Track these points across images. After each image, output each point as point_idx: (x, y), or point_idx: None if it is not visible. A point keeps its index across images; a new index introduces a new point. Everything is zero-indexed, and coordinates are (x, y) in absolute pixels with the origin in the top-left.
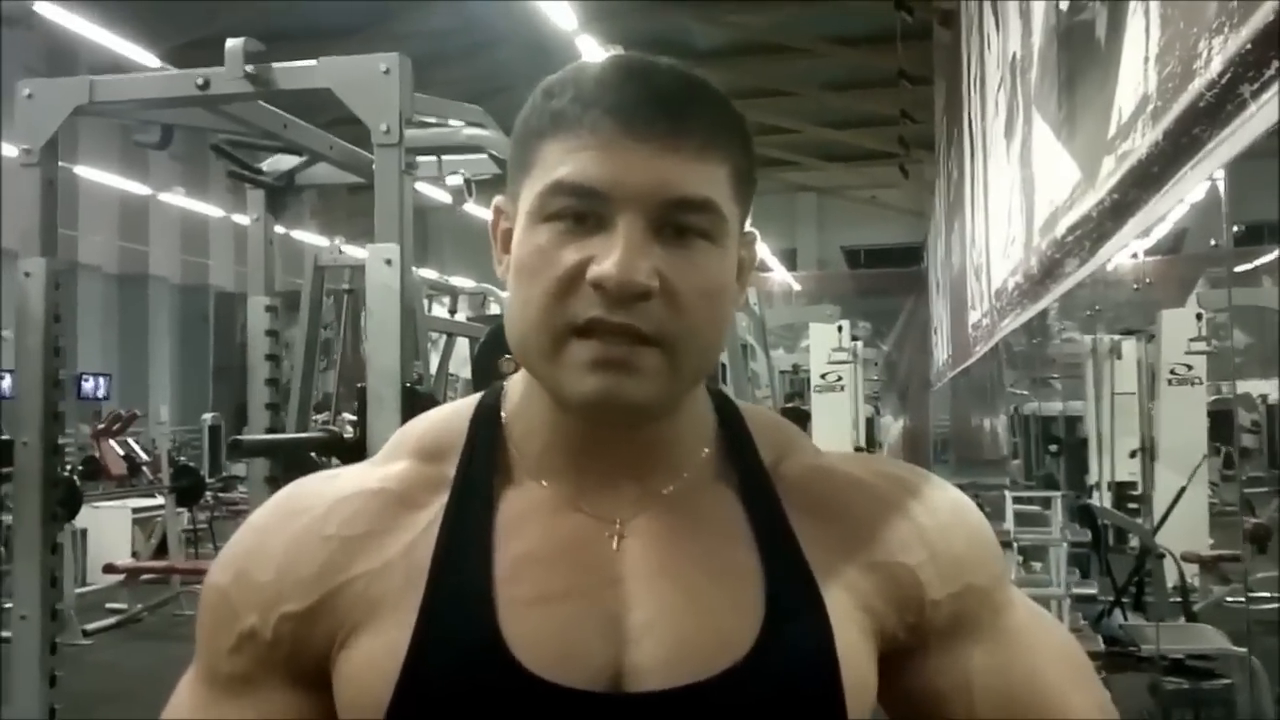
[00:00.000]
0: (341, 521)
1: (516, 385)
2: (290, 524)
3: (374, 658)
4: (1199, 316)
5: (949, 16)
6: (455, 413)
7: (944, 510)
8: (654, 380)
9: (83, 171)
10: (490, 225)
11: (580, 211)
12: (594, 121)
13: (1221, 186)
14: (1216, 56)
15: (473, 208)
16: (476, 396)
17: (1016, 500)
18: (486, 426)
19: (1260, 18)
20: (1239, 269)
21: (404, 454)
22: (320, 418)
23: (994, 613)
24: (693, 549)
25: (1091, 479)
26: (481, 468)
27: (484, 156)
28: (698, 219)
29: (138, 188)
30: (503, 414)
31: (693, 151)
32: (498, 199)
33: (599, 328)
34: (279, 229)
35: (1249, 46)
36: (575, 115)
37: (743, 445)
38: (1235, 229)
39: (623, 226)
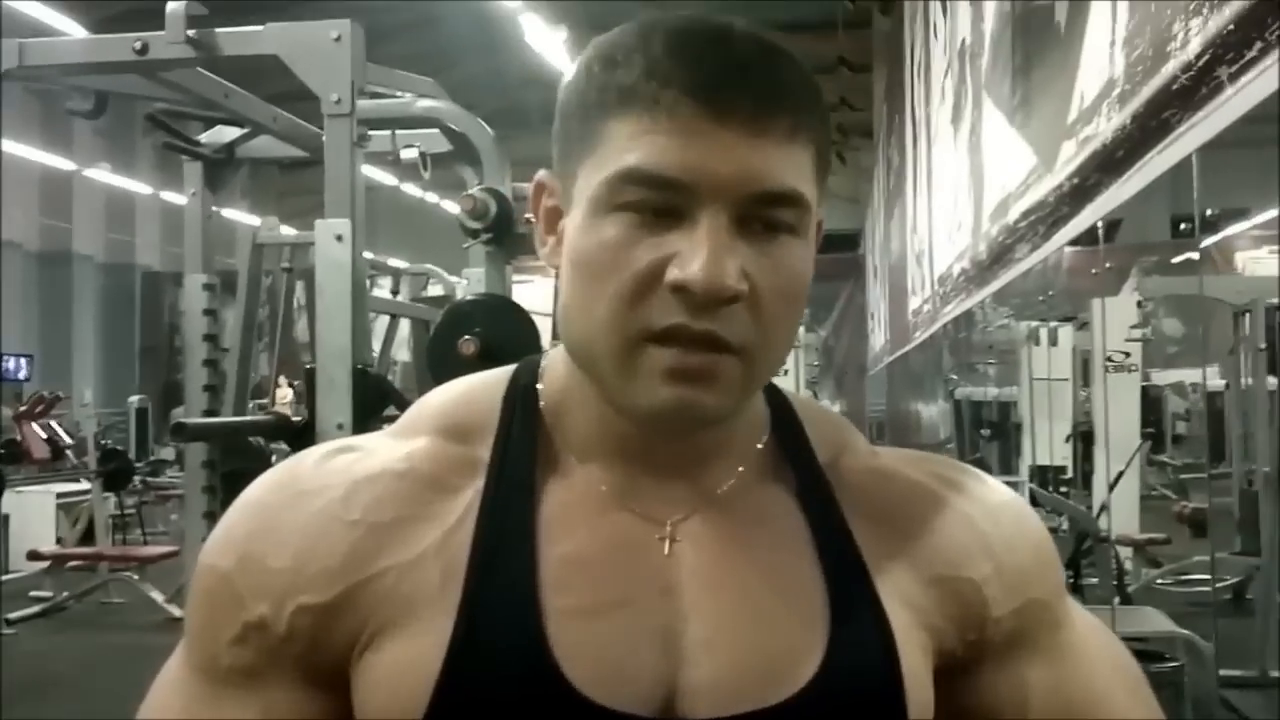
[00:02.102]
0: (366, 505)
1: (557, 366)
2: (305, 504)
3: (408, 664)
4: (1139, 304)
5: (889, 4)
6: (482, 388)
7: (1007, 519)
8: (730, 391)
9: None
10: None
11: (655, 204)
12: (671, 102)
13: (1194, 171)
14: (1195, 38)
15: (410, 187)
16: (505, 371)
17: None
18: (524, 408)
19: None
20: (1174, 260)
21: (425, 429)
22: (259, 402)
23: (1053, 628)
24: (750, 557)
25: (1026, 463)
26: (520, 453)
27: (436, 131)
28: (785, 213)
29: (61, 162)
30: (540, 397)
31: (782, 135)
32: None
33: (679, 335)
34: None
35: (1231, 27)
36: (649, 93)
37: (798, 440)
38: (1209, 212)
39: (706, 222)
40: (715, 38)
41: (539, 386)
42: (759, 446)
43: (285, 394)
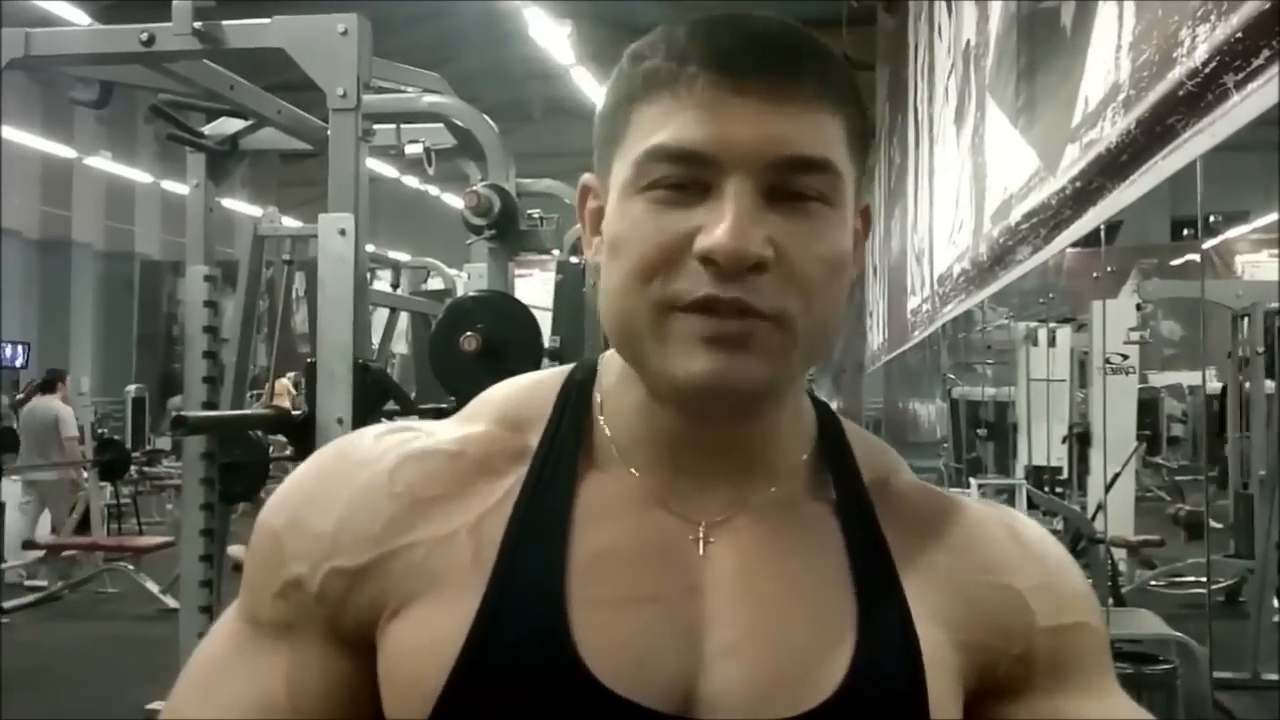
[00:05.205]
0: (411, 481)
1: (611, 366)
2: (356, 474)
3: (431, 638)
4: (1139, 307)
5: (894, 3)
6: (539, 383)
7: (1054, 549)
8: (770, 359)
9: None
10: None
11: (682, 179)
12: (690, 77)
13: (1198, 175)
14: (1201, 45)
15: (411, 179)
16: (563, 370)
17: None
18: (576, 402)
19: (1255, 4)
20: (1173, 262)
21: (484, 419)
22: (257, 392)
23: (1105, 670)
24: (782, 565)
25: (1022, 463)
26: (566, 444)
27: (440, 126)
28: (814, 180)
29: (62, 150)
30: (596, 393)
31: (805, 103)
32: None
33: (710, 304)
34: None
35: (1239, 34)
36: (669, 73)
37: (843, 458)
38: (1212, 218)
39: (731, 192)
40: (734, 19)
41: (595, 383)
42: (803, 459)
43: (283, 384)
